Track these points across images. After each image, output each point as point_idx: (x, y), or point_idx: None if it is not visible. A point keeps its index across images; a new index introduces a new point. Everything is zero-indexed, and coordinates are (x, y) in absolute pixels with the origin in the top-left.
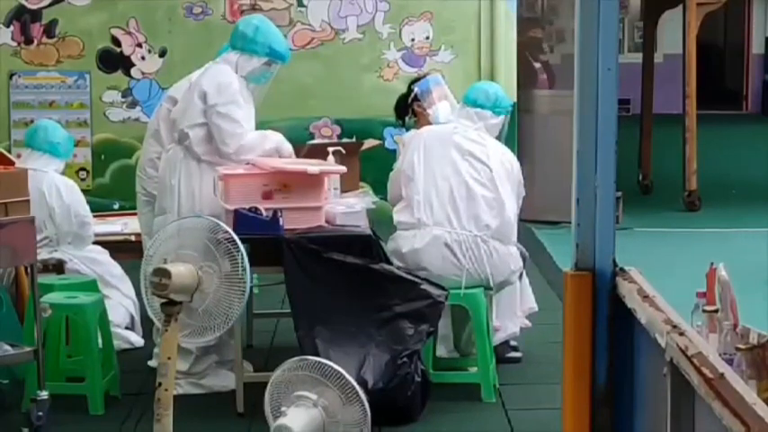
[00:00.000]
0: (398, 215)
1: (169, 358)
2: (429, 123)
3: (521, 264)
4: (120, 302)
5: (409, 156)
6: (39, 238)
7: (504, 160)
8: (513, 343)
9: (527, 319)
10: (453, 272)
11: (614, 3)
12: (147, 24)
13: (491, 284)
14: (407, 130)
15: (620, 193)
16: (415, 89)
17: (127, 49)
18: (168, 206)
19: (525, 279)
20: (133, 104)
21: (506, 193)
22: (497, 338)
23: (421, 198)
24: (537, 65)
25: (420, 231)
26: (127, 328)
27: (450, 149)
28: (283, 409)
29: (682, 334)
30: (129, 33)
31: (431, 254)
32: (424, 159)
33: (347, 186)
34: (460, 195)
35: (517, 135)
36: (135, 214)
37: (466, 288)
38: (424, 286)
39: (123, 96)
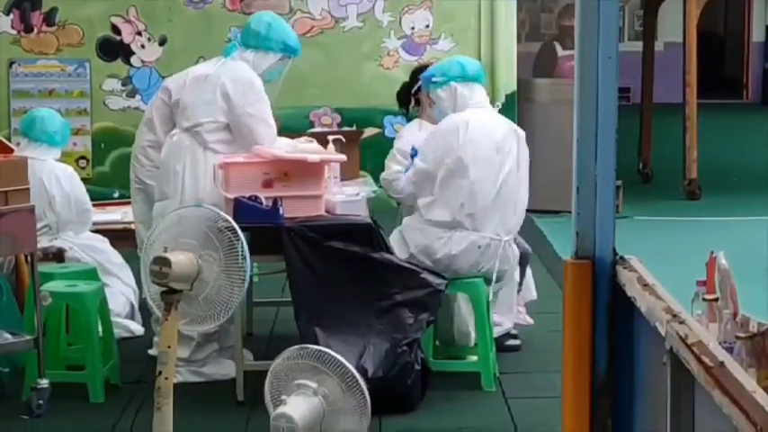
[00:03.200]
0: (432, 212)
1: (169, 347)
2: (432, 112)
3: (518, 253)
4: (121, 291)
5: (455, 149)
6: (39, 226)
7: (522, 145)
8: (512, 331)
9: (528, 316)
10: (473, 272)
11: None
12: (146, 13)
13: (493, 278)
14: (409, 119)
15: (620, 182)
16: (422, 78)
17: (127, 37)
18: (170, 191)
19: (529, 272)
20: (133, 93)
21: (525, 189)
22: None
23: (465, 200)
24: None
25: (457, 234)
26: (127, 316)
27: (493, 146)
28: (283, 397)
29: (682, 322)
30: (129, 22)
31: (465, 259)
32: (473, 157)
33: (347, 175)
34: (498, 198)
35: (517, 124)
36: None
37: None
38: (424, 275)
39: (123, 85)
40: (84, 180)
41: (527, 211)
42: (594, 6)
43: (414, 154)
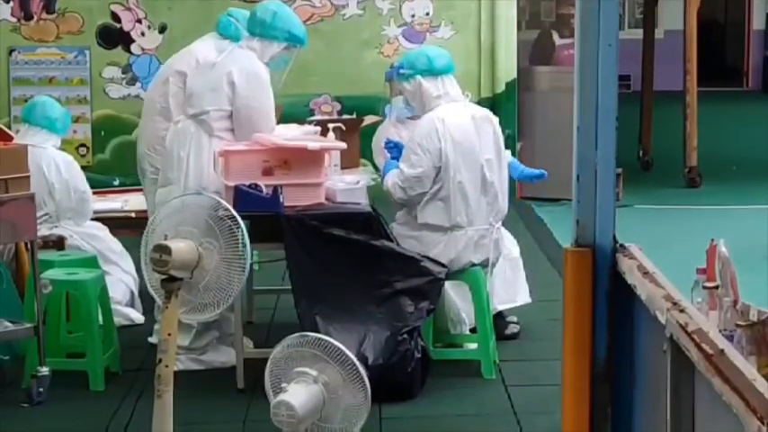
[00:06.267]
0: (426, 216)
1: (169, 335)
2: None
3: (510, 236)
4: (121, 279)
5: (439, 150)
6: (38, 214)
7: (497, 130)
8: (513, 319)
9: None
10: (470, 263)
11: None
12: (146, 0)
13: (489, 265)
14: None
15: (620, 170)
16: (393, 68)
17: (126, 24)
18: (174, 178)
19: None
20: (133, 81)
21: (505, 173)
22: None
23: (458, 200)
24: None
25: (454, 234)
26: (127, 304)
27: (473, 140)
28: (283, 385)
29: (682, 310)
30: (129, 9)
31: (464, 257)
32: (457, 155)
33: (347, 163)
34: (485, 189)
35: (518, 112)
36: (135, 191)
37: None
38: (425, 263)
39: (123, 72)
40: (84, 168)
41: (527, 199)
42: None
43: (391, 146)
